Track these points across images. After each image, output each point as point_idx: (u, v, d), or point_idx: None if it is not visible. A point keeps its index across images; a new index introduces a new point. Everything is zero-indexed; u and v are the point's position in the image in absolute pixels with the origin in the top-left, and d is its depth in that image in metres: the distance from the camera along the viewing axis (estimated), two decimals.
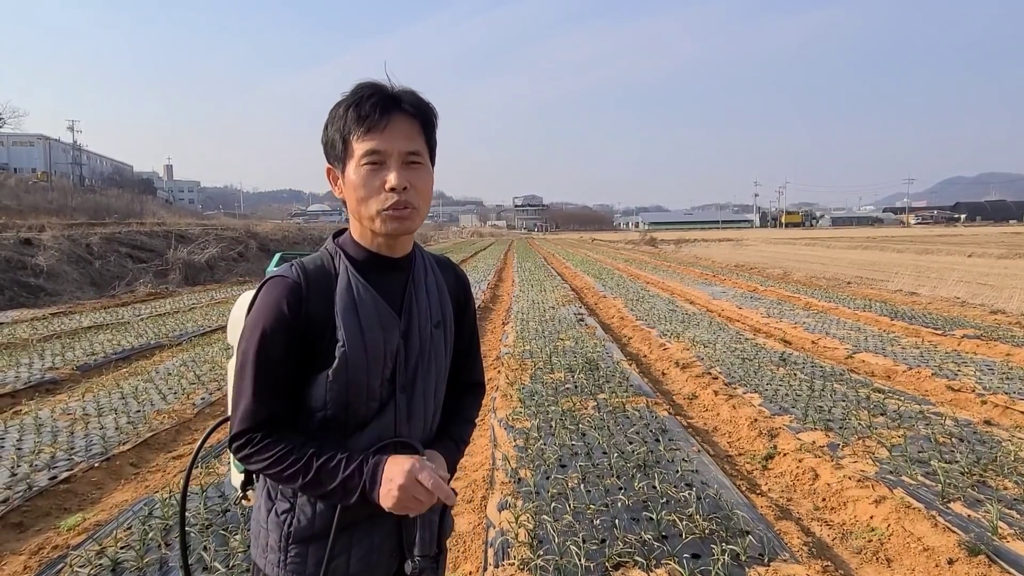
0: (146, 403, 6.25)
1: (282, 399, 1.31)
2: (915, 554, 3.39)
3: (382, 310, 1.34)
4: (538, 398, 6.05)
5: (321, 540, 1.31)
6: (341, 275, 1.34)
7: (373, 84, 1.32)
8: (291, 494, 1.34)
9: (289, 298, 1.28)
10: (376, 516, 1.33)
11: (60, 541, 3.72)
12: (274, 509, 1.36)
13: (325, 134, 1.35)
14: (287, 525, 1.33)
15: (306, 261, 1.36)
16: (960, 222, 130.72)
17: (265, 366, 1.28)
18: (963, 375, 6.89)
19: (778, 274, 21.16)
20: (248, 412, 1.29)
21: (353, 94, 1.32)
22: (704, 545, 3.29)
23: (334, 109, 1.33)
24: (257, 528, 1.39)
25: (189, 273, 21.01)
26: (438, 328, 1.43)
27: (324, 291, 1.31)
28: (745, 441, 5.34)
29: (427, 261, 1.49)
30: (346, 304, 1.31)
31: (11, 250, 17.22)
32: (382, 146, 1.29)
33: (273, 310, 1.28)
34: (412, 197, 1.31)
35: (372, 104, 1.29)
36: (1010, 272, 20.45)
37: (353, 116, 1.29)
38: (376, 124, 1.28)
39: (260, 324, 1.29)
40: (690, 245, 48.59)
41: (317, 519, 1.32)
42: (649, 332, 10.08)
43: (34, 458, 4.78)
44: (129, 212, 38.15)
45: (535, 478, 4.18)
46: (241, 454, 1.30)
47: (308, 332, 1.29)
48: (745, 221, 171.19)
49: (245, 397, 1.29)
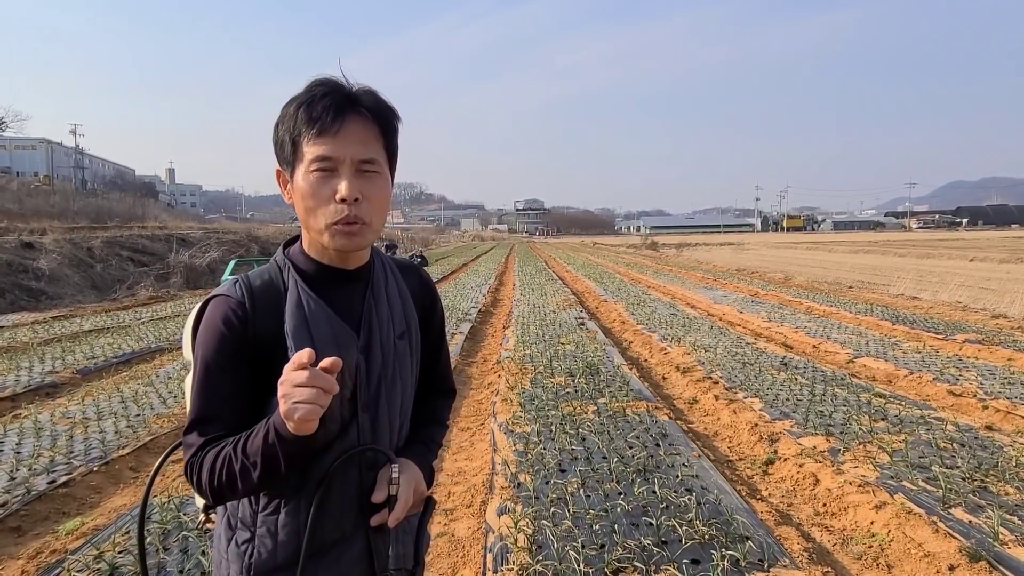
0: (146, 407, 6.25)
1: (225, 424, 1.21)
2: (916, 560, 3.38)
3: (337, 327, 1.23)
4: (538, 402, 6.04)
5: (283, 572, 1.21)
6: (291, 290, 1.24)
7: (328, 81, 1.21)
8: (251, 522, 1.24)
9: (231, 319, 1.20)
10: (344, 541, 1.25)
11: (58, 545, 3.71)
12: (234, 539, 1.26)
13: (275, 133, 1.23)
14: (247, 556, 1.23)
15: (252, 276, 1.27)
16: (962, 226, 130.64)
17: (206, 391, 1.21)
18: (964, 380, 6.86)
19: (779, 278, 21.13)
20: (190, 442, 1.21)
21: (306, 92, 1.20)
22: (704, 551, 3.28)
23: (285, 107, 1.21)
24: (218, 558, 1.29)
25: (190, 277, 21.03)
26: (402, 339, 1.33)
27: (272, 308, 1.22)
28: (745, 446, 5.32)
29: (387, 267, 1.39)
30: (297, 322, 1.21)
31: (12, 253, 17.26)
32: (334, 152, 1.17)
33: (217, 335, 1.20)
34: (364, 211, 1.19)
35: (325, 105, 1.17)
36: (1012, 276, 20.42)
37: (304, 117, 1.17)
38: (328, 127, 1.16)
39: (204, 349, 1.21)
40: (691, 249, 48.59)
41: (280, 549, 1.22)
42: (650, 336, 10.06)
43: (33, 462, 4.77)
44: (131, 216, 38.23)
45: (535, 483, 4.17)
46: (193, 481, 1.21)
47: (257, 352, 1.20)
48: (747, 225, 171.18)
49: (188, 421, 1.22)
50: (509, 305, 14.46)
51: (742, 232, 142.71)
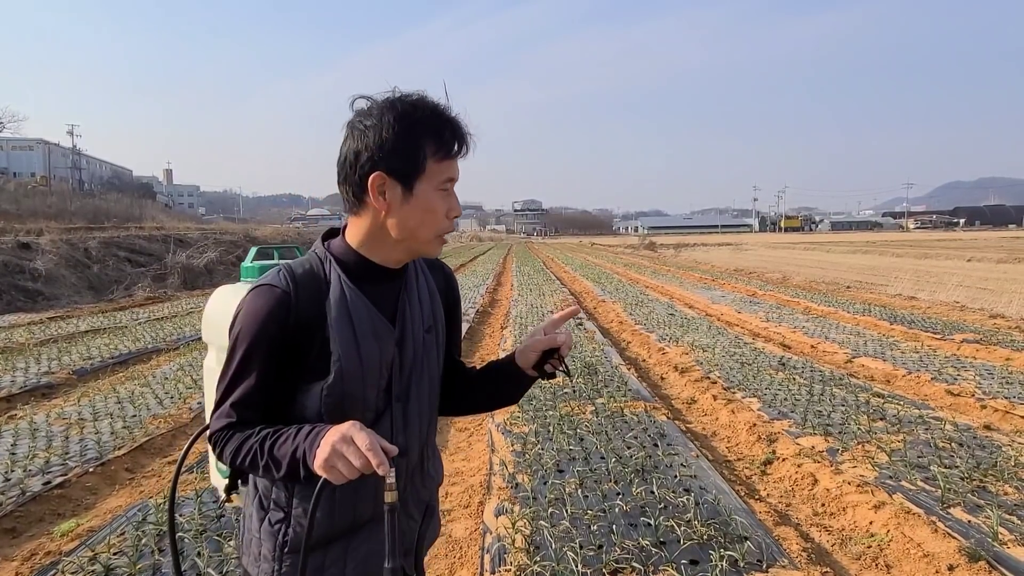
0: (142, 408, 6.22)
1: (258, 410, 1.30)
2: (915, 560, 3.37)
3: (377, 320, 1.32)
4: (536, 403, 6.02)
5: (317, 549, 1.30)
6: (333, 284, 1.31)
7: (445, 109, 1.32)
8: (284, 503, 1.32)
9: (277, 310, 1.26)
10: (374, 524, 1.31)
11: (53, 547, 3.68)
12: (267, 518, 1.34)
13: (401, 136, 1.25)
14: (281, 535, 1.32)
15: (294, 266, 1.33)
16: (959, 226, 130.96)
17: (246, 376, 1.28)
18: (963, 379, 6.86)
19: (777, 278, 21.15)
20: (217, 418, 1.30)
21: (435, 113, 1.29)
22: (702, 551, 3.27)
23: (411, 113, 1.26)
24: (248, 537, 1.38)
25: (188, 277, 20.97)
26: (429, 333, 1.42)
27: (314, 298, 1.29)
28: (744, 446, 5.31)
29: (418, 264, 1.47)
30: (340, 315, 1.29)
31: (9, 254, 17.20)
32: (456, 174, 1.33)
33: (260, 323, 1.26)
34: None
35: (451, 132, 1.30)
36: (1009, 276, 20.45)
37: (435, 138, 1.28)
38: (458, 152, 1.32)
39: (246, 335, 1.27)
40: (689, 249, 48.62)
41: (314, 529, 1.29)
42: (648, 336, 10.06)
43: (28, 463, 4.75)
44: (128, 216, 38.13)
45: (533, 483, 4.15)
46: (216, 452, 1.31)
47: (297, 341, 1.27)
48: (744, 225, 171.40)
49: (222, 402, 1.30)
50: (507, 306, 14.44)
51: (740, 232, 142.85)
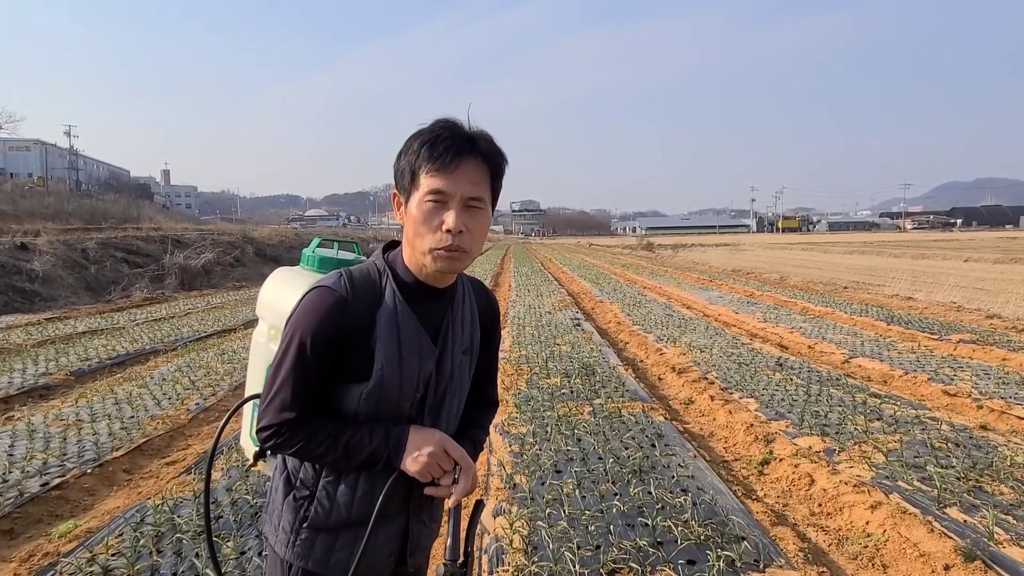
0: (140, 409, 6.21)
1: (313, 402, 1.38)
2: (911, 560, 3.38)
3: (422, 339, 1.40)
4: (534, 403, 6.03)
5: (331, 532, 1.40)
6: (387, 297, 1.39)
7: (451, 124, 1.36)
8: (311, 483, 1.41)
9: (335, 311, 1.34)
10: (385, 518, 1.41)
11: (51, 548, 3.68)
12: (292, 494, 1.43)
13: (397, 163, 1.39)
14: (303, 511, 1.41)
15: (354, 272, 1.41)
16: (956, 227, 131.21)
17: (302, 372, 1.35)
18: (959, 380, 6.88)
19: (775, 279, 21.18)
20: (278, 409, 1.36)
21: (430, 131, 1.35)
22: (699, 551, 3.28)
23: (410, 140, 1.37)
24: (272, 508, 1.48)
25: (185, 278, 20.93)
26: (465, 354, 1.50)
27: (368, 306, 1.37)
28: (741, 446, 5.33)
29: (465, 286, 1.54)
30: (389, 328, 1.37)
31: (6, 255, 17.17)
32: (448, 187, 1.32)
33: (318, 321, 1.34)
34: (464, 240, 1.35)
35: (447, 146, 1.32)
36: (1006, 277, 20.51)
37: (426, 153, 1.32)
38: (446, 166, 1.32)
39: (304, 331, 1.34)
40: (687, 250, 48.67)
41: (334, 512, 1.39)
42: (646, 337, 10.07)
43: (26, 464, 4.74)
44: (126, 217, 38.06)
45: (530, 484, 4.16)
46: (268, 444, 1.38)
47: (347, 342, 1.36)
48: (742, 226, 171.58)
49: (278, 395, 1.36)
50: (505, 306, 14.45)
51: (738, 233, 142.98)
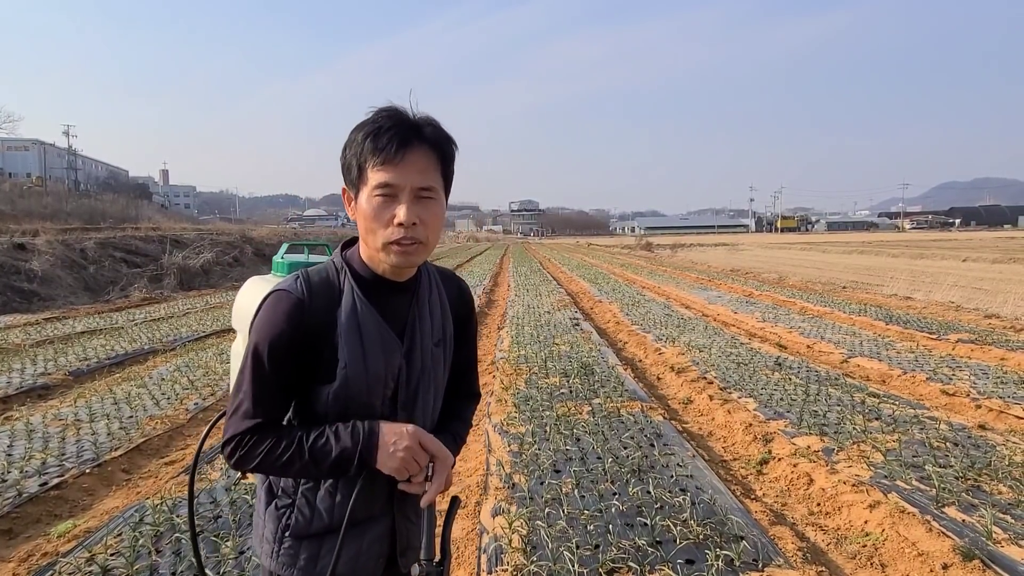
0: (139, 408, 6.21)
1: (277, 410, 1.35)
2: (910, 559, 3.39)
3: (385, 334, 1.36)
4: (533, 403, 6.03)
5: (314, 539, 1.36)
6: (346, 294, 1.35)
7: (393, 113, 1.31)
8: (292, 491, 1.38)
9: (292, 315, 1.31)
10: (372, 521, 1.39)
11: (50, 548, 3.68)
12: (274, 503, 1.40)
13: (343, 156, 1.35)
14: (284, 519, 1.38)
15: (311, 273, 1.37)
16: (955, 227, 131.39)
17: (262, 380, 1.31)
18: (957, 379, 6.90)
19: (773, 279, 21.19)
20: (241, 418, 1.32)
21: (372, 121, 1.30)
22: (698, 551, 3.28)
23: (353, 133, 1.32)
24: (257, 519, 1.45)
25: (184, 278, 20.92)
26: (438, 346, 1.45)
27: (327, 305, 1.34)
28: (740, 446, 5.33)
29: (432, 277, 1.49)
30: (349, 326, 1.33)
31: (5, 255, 17.14)
32: (395, 180, 1.28)
33: (275, 326, 1.31)
34: (419, 232, 1.31)
35: (390, 136, 1.28)
36: (1004, 276, 20.54)
37: (370, 146, 1.28)
38: (392, 157, 1.27)
39: (261, 338, 1.31)
40: (686, 250, 48.70)
41: (315, 520, 1.36)
42: (644, 337, 10.07)
43: (25, 464, 4.74)
44: (124, 217, 38.03)
45: (529, 483, 4.16)
46: (233, 458, 1.32)
47: (309, 344, 1.32)
48: (741, 226, 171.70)
49: (241, 405, 1.32)
50: (504, 306, 14.45)
51: (736, 233, 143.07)
